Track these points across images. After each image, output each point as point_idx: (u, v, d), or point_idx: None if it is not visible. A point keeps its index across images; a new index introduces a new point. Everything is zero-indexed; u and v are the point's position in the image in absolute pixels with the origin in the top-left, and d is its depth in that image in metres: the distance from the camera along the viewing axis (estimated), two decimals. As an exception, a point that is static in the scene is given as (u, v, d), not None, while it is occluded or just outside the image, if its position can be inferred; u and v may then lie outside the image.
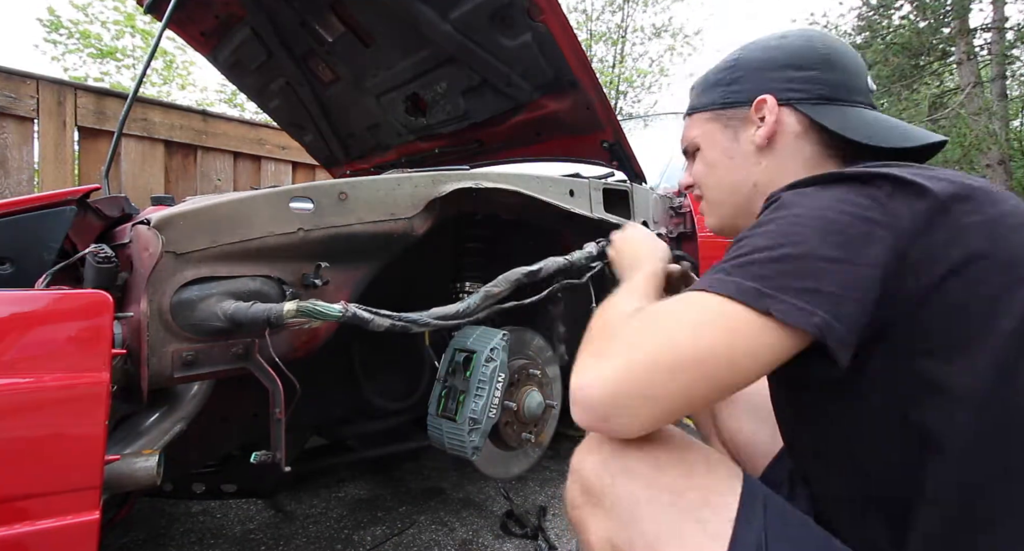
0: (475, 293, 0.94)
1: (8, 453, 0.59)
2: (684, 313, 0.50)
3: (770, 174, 0.67)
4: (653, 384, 0.47)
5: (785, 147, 0.67)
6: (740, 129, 0.69)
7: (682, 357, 0.47)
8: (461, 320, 0.91)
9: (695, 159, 0.77)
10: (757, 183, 0.68)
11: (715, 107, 0.72)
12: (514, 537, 1.56)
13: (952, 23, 8.95)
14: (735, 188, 0.71)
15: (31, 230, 0.94)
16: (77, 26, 8.70)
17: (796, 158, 0.67)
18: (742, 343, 0.47)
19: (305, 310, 0.74)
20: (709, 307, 0.49)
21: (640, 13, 10.87)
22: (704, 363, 0.47)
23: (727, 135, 0.71)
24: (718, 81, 0.72)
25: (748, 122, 0.69)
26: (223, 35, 1.88)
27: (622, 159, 1.50)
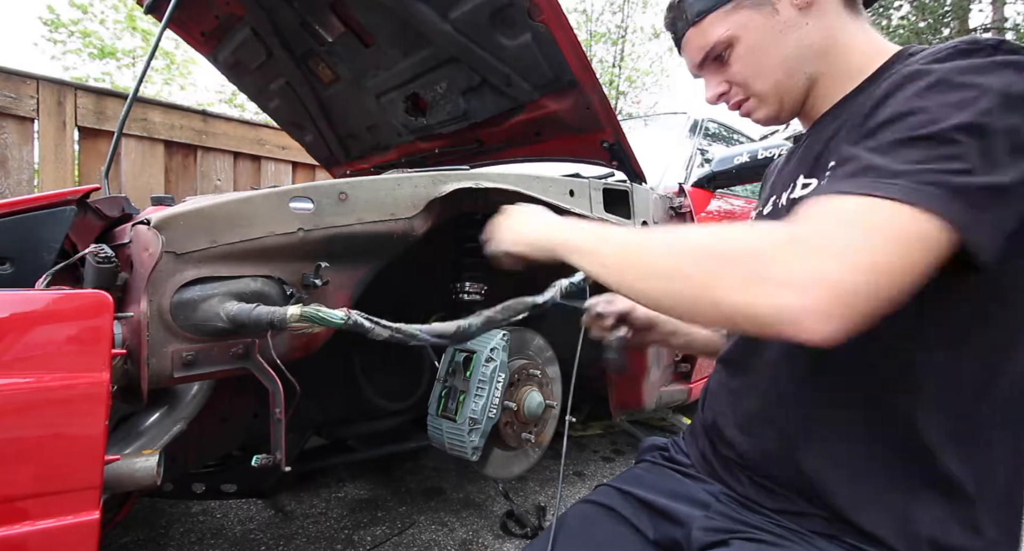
0: (477, 316, 0.94)
1: (8, 453, 0.59)
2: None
3: (821, 30, 0.66)
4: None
5: (823, 2, 0.66)
6: (775, 2, 0.67)
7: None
8: (457, 341, 0.91)
9: (721, 63, 0.73)
10: (811, 44, 0.67)
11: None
12: (514, 537, 1.56)
13: (952, 24, 8.95)
14: (792, 62, 0.68)
15: (31, 230, 0.94)
16: (77, 25, 8.70)
17: (833, 11, 0.66)
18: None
19: (308, 316, 0.74)
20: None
21: (640, 14, 10.87)
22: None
23: (763, 13, 0.68)
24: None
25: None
26: (223, 35, 1.88)
27: (622, 159, 1.50)
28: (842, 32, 0.67)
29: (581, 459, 2.20)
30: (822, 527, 0.61)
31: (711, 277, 0.49)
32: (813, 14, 0.66)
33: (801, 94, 0.71)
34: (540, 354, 1.31)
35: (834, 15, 0.67)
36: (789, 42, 0.67)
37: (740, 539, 0.62)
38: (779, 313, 0.45)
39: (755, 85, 0.72)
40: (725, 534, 0.64)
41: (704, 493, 0.72)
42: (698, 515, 0.69)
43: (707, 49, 0.72)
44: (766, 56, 0.69)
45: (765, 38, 0.68)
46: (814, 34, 0.67)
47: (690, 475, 0.77)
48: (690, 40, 0.74)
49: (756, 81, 0.71)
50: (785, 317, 0.45)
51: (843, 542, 0.59)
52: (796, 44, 0.67)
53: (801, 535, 0.61)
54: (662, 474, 0.80)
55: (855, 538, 0.59)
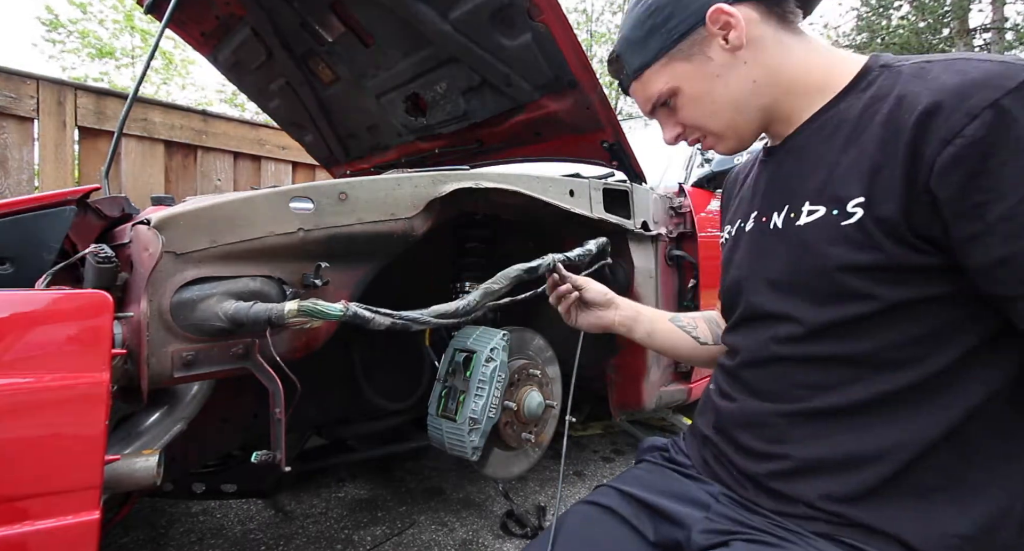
0: (474, 290, 0.94)
1: (8, 453, 0.59)
2: None
3: (760, 63, 0.67)
4: None
5: (755, 36, 0.66)
6: (706, 49, 0.68)
7: None
8: (461, 318, 0.91)
9: (670, 108, 0.75)
10: (756, 79, 0.67)
11: (666, 50, 0.70)
12: (514, 537, 1.56)
13: (951, 24, 8.95)
14: (737, 100, 0.69)
15: (31, 230, 0.94)
16: (76, 24, 8.71)
17: (769, 40, 0.67)
18: None
19: (306, 310, 0.74)
20: None
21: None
22: None
23: (698, 62, 0.69)
24: (651, 29, 0.70)
25: (709, 39, 0.67)
26: (223, 35, 1.88)
27: (622, 159, 1.50)
28: (787, 58, 0.67)
29: (581, 459, 2.20)
30: (824, 528, 0.61)
31: None
32: (747, 52, 0.66)
33: (758, 125, 0.72)
34: (540, 354, 1.31)
35: (772, 45, 0.67)
36: (731, 83, 0.68)
37: (740, 540, 0.62)
38: None
39: (708, 126, 0.73)
40: (725, 535, 0.64)
41: (704, 494, 0.72)
42: (698, 516, 0.69)
43: (652, 100, 0.74)
44: (711, 101, 0.70)
45: (705, 85, 0.69)
46: (755, 70, 0.67)
47: (690, 476, 0.77)
48: (635, 92, 0.76)
49: (708, 123, 0.72)
50: None
51: (844, 543, 0.59)
52: (738, 84, 0.68)
53: (802, 536, 0.61)
54: (662, 475, 0.80)
55: (859, 538, 0.59)
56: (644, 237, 1.51)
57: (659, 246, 1.59)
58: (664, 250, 1.63)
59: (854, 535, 0.59)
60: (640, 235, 1.48)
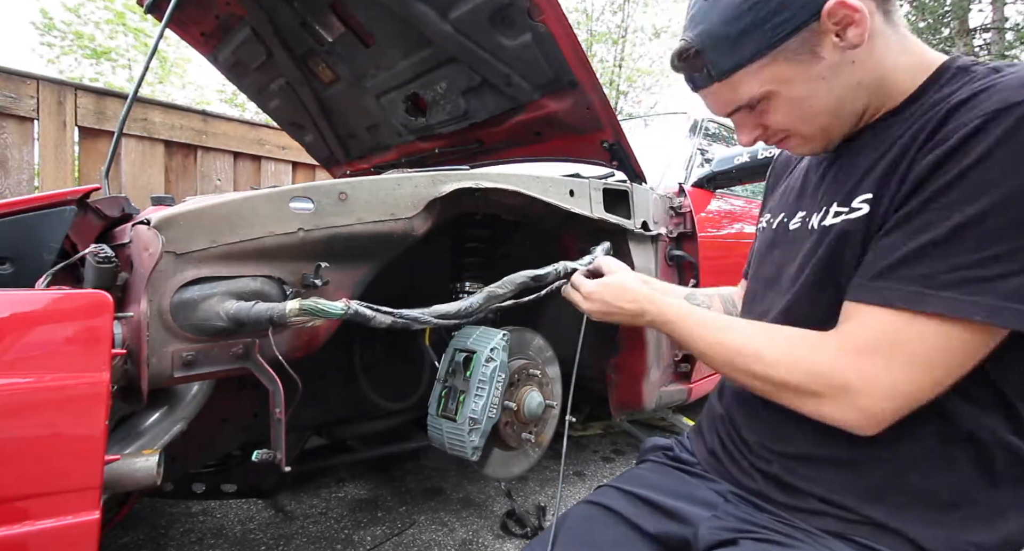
0: (478, 293, 0.94)
1: (8, 453, 0.59)
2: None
3: (868, 64, 0.61)
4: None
5: (874, 32, 0.60)
6: (816, 48, 0.60)
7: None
8: (462, 319, 0.91)
9: (753, 109, 0.67)
10: (860, 81, 0.61)
11: (769, 49, 0.61)
12: (514, 537, 1.56)
13: (952, 23, 8.95)
14: (840, 104, 0.63)
15: (31, 230, 0.94)
16: (70, 27, 8.70)
17: (878, 36, 0.60)
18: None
19: (308, 308, 0.74)
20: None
21: (641, 14, 10.87)
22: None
23: (803, 62, 0.61)
24: (752, 23, 0.60)
25: (821, 36, 0.59)
26: (223, 35, 1.88)
27: (622, 159, 1.50)
28: (887, 56, 0.61)
29: (581, 459, 2.20)
30: (833, 525, 0.61)
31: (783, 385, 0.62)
32: (862, 51, 0.60)
33: (850, 127, 0.67)
34: (540, 354, 1.31)
35: (879, 41, 0.61)
36: (835, 86, 0.62)
37: (750, 539, 0.62)
38: (838, 421, 0.59)
39: (800, 129, 0.67)
40: (734, 533, 0.64)
41: (711, 493, 0.72)
42: (706, 515, 0.69)
43: (737, 103, 0.67)
44: (810, 104, 0.64)
45: (807, 88, 0.62)
46: (862, 71, 0.61)
47: (696, 474, 0.77)
48: (715, 92, 0.68)
49: (800, 126, 0.66)
50: (844, 424, 0.58)
51: (854, 541, 0.59)
52: (843, 86, 0.62)
53: (811, 534, 0.61)
54: (667, 474, 0.79)
55: (869, 536, 0.59)
56: (644, 237, 1.51)
57: (659, 246, 1.59)
58: (664, 250, 1.63)
59: (864, 533, 0.59)
60: (640, 235, 1.48)
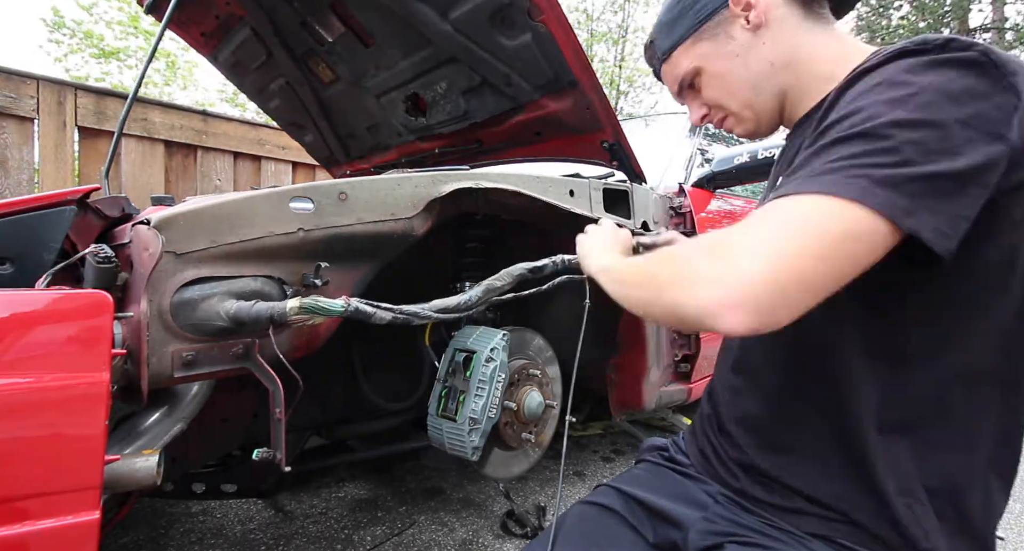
0: (477, 286, 0.94)
1: (8, 453, 0.59)
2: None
3: (779, 45, 0.69)
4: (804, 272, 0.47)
5: (777, 18, 0.69)
6: (729, 29, 0.71)
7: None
8: (462, 313, 0.91)
9: (695, 89, 0.78)
10: (773, 61, 0.70)
11: (693, 30, 0.74)
12: (514, 537, 1.56)
13: (951, 24, 8.95)
14: (756, 80, 0.71)
15: (31, 230, 0.94)
16: (80, 26, 8.71)
17: (791, 21, 0.69)
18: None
19: (308, 306, 0.74)
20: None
21: (641, 14, 10.86)
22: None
23: (720, 42, 0.72)
24: (680, 11, 0.75)
25: (731, 20, 0.71)
26: (223, 35, 1.88)
27: (622, 159, 1.50)
28: (803, 43, 0.69)
29: (581, 459, 2.20)
30: (817, 526, 0.61)
31: (660, 281, 0.56)
32: (768, 32, 0.69)
33: (774, 107, 0.73)
34: (540, 354, 1.31)
35: (792, 28, 0.69)
36: (749, 63, 0.71)
37: (735, 543, 0.63)
38: (700, 308, 0.49)
39: (729, 105, 0.76)
40: (721, 537, 0.65)
41: (703, 494, 0.72)
42: (696, 517, 0.69)
43: (679, 80, 0.79)
44: (731, 79, 0.73)
45: (726, 63, 0.73)
46: (772, 51, 0.69)
47: (689, 475, 0.77)
48: (664, 74, 0.81)
49: (728, 102, 0.75)
50: (705, 311, 0.48)
51: (837, 543, 0.59)
52: (756, 63, 0.71)
53: (796, 537, 0.61)
54: (662, 475, 0.80)
55: (850, 537, 0.59)
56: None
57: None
58: (664, 250, 1.63)
59: (846, 534, 0.59)
60: (640, 235, 1.48)
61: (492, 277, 0.94)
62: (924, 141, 0.48)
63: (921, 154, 0.47)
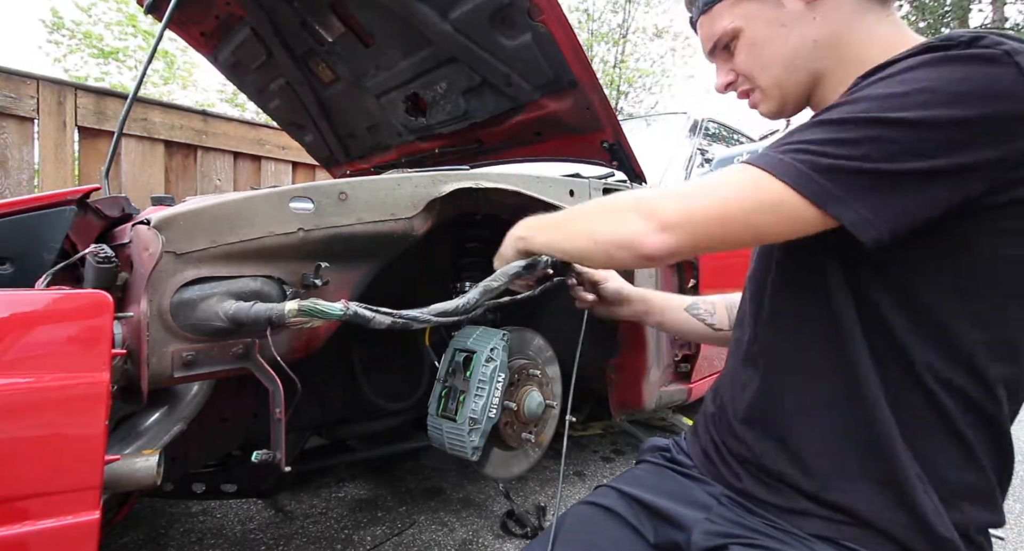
0: (474, 288, 0.94)
1: (8, 453, 0.59)
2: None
3: (830, 24, 0.64)
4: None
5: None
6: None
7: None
8: (461, 316, 0.91)
9: (728, 51, 0.72)
10: (818, 39, 0.65)
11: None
12: (514, 537, 1.56)
13: (951, 24, 8.95)
14: (794, 56, 0.66)
15: (31, 230, 0.94)
16: (79, 27, 8.71)
17: (852, 6, 0.64)
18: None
19: (307, 309, 0.74)
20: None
21: (642, 14, 10.87)
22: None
23: (769, 5, 0.66)
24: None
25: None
26: (223, 35, 1.88)
27: (622, 159, 1.50)
28: (856, 26, 0.64)
29: (581, 459, 2.20)
30: (821, 528, 0.61)
31: (598, 224, 0.66)
32: (822, 7, 0.64)
33: (803, 89, 0.69)
34: (540, 354, 1.31)
35: (848, 8, 0.64)
36: (792, 36, 0.66)
37: (739, 545, 0.62)
38: (630, 235, 0.60)
39: (758, 78, 0.71)
40: (725, 538, 0.64)
41: (705, 495, 0.72)
42: (699, 518, 0.69)
43: (715, 38, 0.72)
44: (768, 49, 0.68)
45: (768, 31, 0.67)
46: (821, 29, 0.64)
47: (691, 476, 0.77)
48: (701, 27, 0.74)
49: (759, 74, 0.70)
50: (634, 242, 0.60)
51: (841, 545, 0.59)
52: (799, 39, 0.65)
53: (800, 538, 0.61)
54: (663, 475, 0.79)
55: (856, 539, 0.58)
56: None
57: (659, 246, 1.59)
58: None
59: (851, 535, 0.59)
60: None
61: (488, 278, 0.94)
62: (892, 140, 0.48)
63: (880, 152, 0.48)
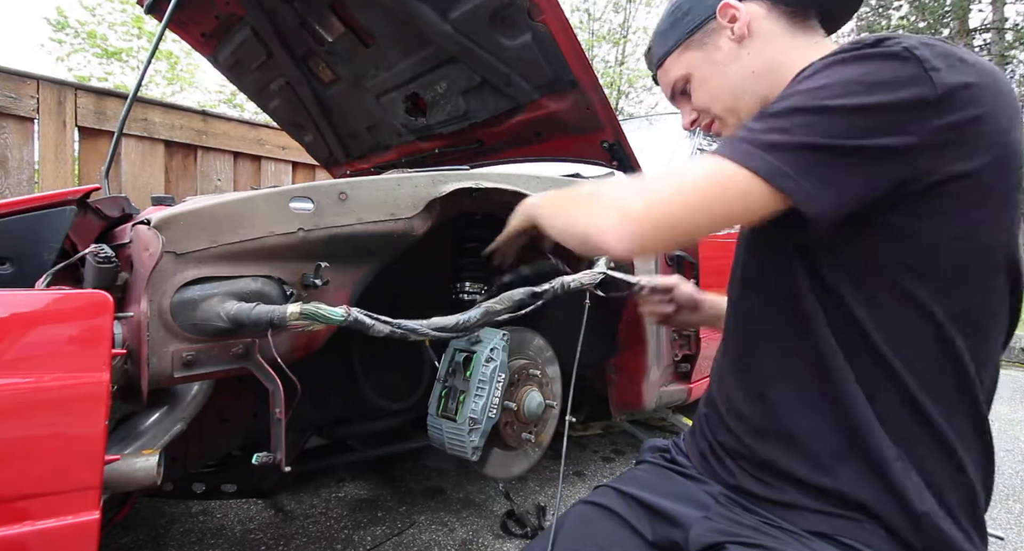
0: (476, 307, 0.94)
1: (8, 453, 0.59)
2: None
3: (762, 56, 0.73)
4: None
5: (761, 30, 0.73)
6: (716, 39, 0.75)
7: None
8: (459, 333, 0.92)
9: (686, 95, 0.82)
10: (754, 70, 0.73)
11: (683, 39, 0.78)
12: (514, 537, 1.56)
13: (951, 24, 8.96)
14: (738, 86, 0.75)
15: (31, 230, 0.94)
16: (84, 26, 8.70)
17: (775, 33, 0.73)
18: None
19: (308, 313, 0.74)
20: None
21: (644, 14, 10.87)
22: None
23: (707, 51, 0.76)
24: (673, 22, 0.80)
25: (720, 31, 0.75)
26: (223, 35, 1.88)
27: (622, 159, 1.50)
28: (788, 53, 0.72)
29: (581, 459, 2.20)
30: (815, 523, 0.61)
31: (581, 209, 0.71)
32: (752, 44, 0.73)
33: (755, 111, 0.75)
34: (540, 354, 1.31)
35: (777, 39, 0.73)
36: (732, 71, 0.75)
37: (736, 543, 0.63)
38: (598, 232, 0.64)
39: (714, 109, 0.80)
40: (723, 536, 0.65)
41: (704, 494, 0.73)
42: (697, 516, 0.69)
43: (671, 86, 0.83)
44: (715, 85, 0.78)
45: (711, 70, 0.77)
46: (755, 60, 0.73)
47: (690, 476, 0.77)
48: (660, 79, 0.86)
49: (713, 106, 0.79)
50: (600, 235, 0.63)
51: (836, 541, 0.59)
52: (739, 72, 0.75)
53: (797, 536, 0.61)
54: (662, 475, 0.80)
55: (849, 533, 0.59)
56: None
57: (659, 246, 1.59)
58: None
59: (846, 530, 0.60)
60: None
61: (492, 300, 0.95)
62: (815, 124, 0.54)
63: (809, 132, 0.54)
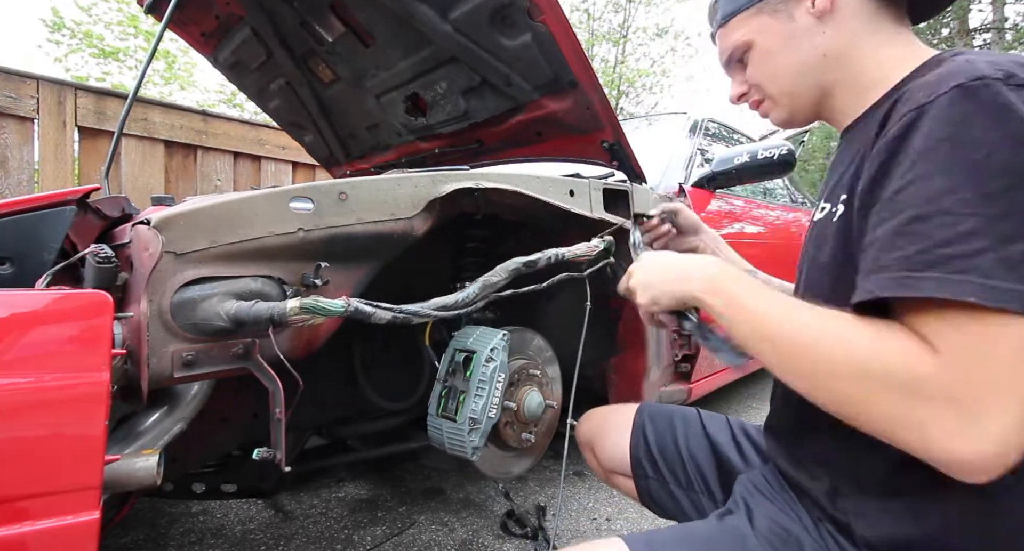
0: (474, 283, 0.94)
1: (8, 453, 0.59)
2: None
3: (839, 39, 0.65)
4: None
5: (846, 8, 0.65)
6: (793, 8, 0.67)
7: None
8: (462, 309, 0.91)
9: (743, 64, 0.75)
10: (827, 53, 0.66)
11: (757, 1, 0.70)
12: (514, 537, 1.56)
13: (951, 24, 8.96)
14: (803, 68, 0.68)
15: (31, 230, 0.94)
16: (80, 26, 8.71)
17: (859, 15, 0.64)
18: None
19: (308, 306, 0.74)
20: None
21: (643, 14, 10.88)
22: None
23: (780, 19, 0.68)
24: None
25: (798, 0, 0.67)
26: (223, 35, 1.88)
27: (622, 159, 1.50)
28: (864, 42, 0.65)
29: (581, 459, 2.20)
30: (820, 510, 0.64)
31: (866, 402, 0.48)
32: (832, 22, 0.65)
33: (811, 101, 0.70)
34: (540, 354, 1.31)
35: (858, 23, 0.65)
36: (802, 49, 0.67)
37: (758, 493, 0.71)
38: (952, 461, 0.45)
39: (767, 88, 0.73)
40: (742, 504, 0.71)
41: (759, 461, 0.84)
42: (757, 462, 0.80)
43: (729, 51, 0.75)
44: (776, 61, 0.70)
45: (777, 43, 0.69)
46: (830, 42, 0.66)
47: None
48: (718, 39, 0.77)
49: (768, 84, 0.72)
50: (959, 466, 0.45)
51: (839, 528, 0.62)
52: (809, 51, 0.67)
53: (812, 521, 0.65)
54: None
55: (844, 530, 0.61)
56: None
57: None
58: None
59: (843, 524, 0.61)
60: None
61: (487, 273, 0.94)
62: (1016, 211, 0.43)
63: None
